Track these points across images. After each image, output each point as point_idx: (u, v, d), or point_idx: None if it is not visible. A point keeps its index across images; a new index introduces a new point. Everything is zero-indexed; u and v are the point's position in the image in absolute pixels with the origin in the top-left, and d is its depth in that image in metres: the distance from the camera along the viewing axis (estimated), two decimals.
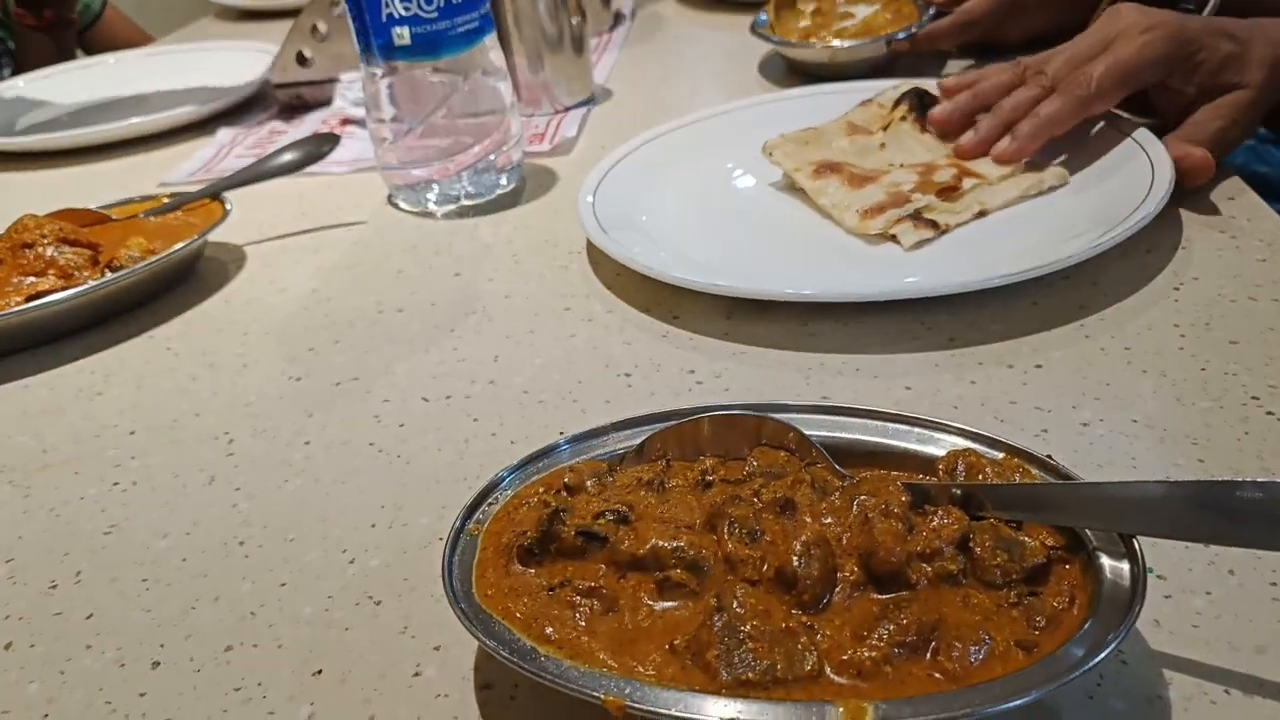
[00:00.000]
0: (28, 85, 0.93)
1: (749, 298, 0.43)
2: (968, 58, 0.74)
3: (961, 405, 0.37)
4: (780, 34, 0.74)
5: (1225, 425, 0.34)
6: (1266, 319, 0.39)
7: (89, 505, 0.37)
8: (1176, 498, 0.24)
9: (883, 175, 0.52)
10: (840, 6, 0.75)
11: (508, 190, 0.62)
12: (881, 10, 0.73)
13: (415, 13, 0.55)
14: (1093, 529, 0.26)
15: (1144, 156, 0.48)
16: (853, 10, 0.75)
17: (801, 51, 0.72)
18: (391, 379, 0.44)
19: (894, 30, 0.70)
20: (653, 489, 0.30)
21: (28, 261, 0.49)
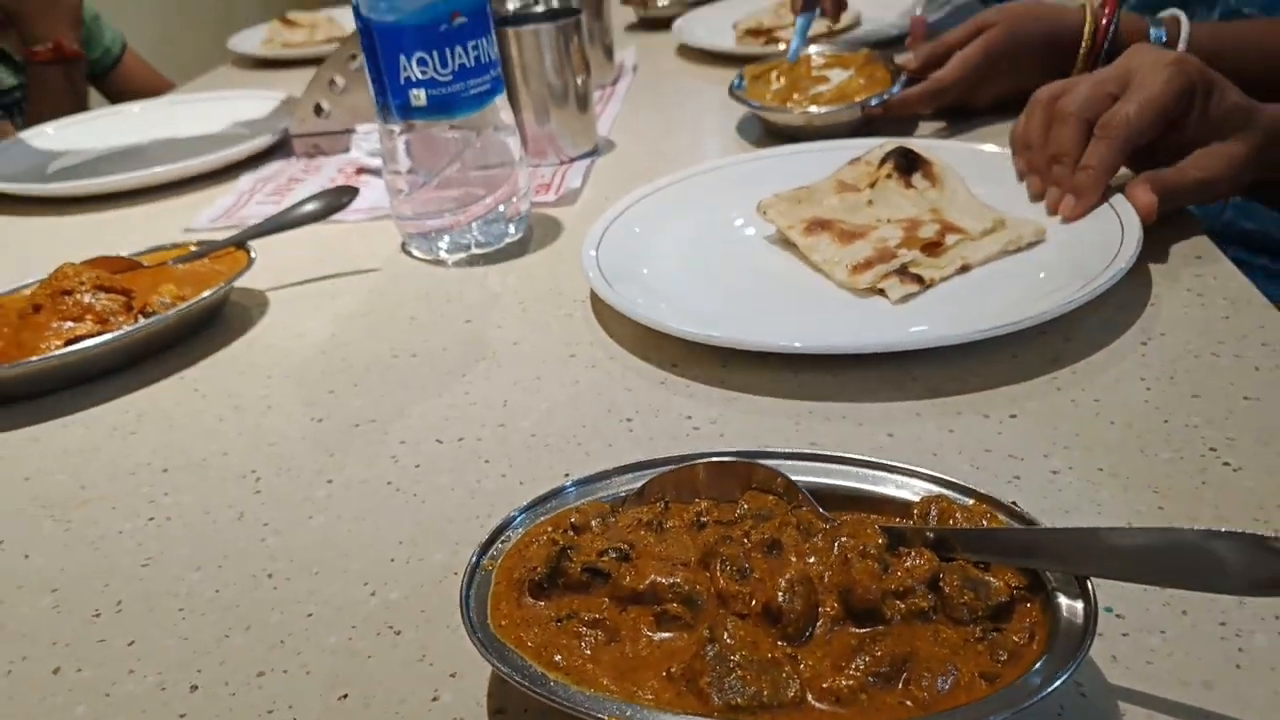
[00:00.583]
0: (57, 132, 0.97)
1: (743, 349, 0.46)
2: (940, 119, 0.77)
3: (940, 452, 0.40)
4: (754, 97, 0.78)
5: (1185, 475, 0.37)
6: (1228, 374, 0.42)
7: (126, 539, 0.40)
8: (1127, 544, 0.27)
9: (871, 231, 0.55)
10: (814, 71, 0.79)
11: (516, 239, 0.65)
12: (855, 76, 0.77)
13: (431, 76, 0.59)
14: (1052, 571, 0.28)
15: (1115, 216, 0.52)
16: (827, 75, 0.78)
17: (779, 115, 0.75)
18: (407, 421, 0.46)
19: (868, 96, 0.74)
20: (652, 529, 0.33)
21: (67, 308, 0.52)
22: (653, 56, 1.09)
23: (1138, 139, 0.53)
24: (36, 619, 0.36)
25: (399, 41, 0.58)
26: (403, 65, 0.59)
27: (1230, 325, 0.45)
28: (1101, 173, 0.53)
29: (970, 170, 0.61)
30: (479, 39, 0.60)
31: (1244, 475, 0.36)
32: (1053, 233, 0.54)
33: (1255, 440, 0.38)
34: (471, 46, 0.59)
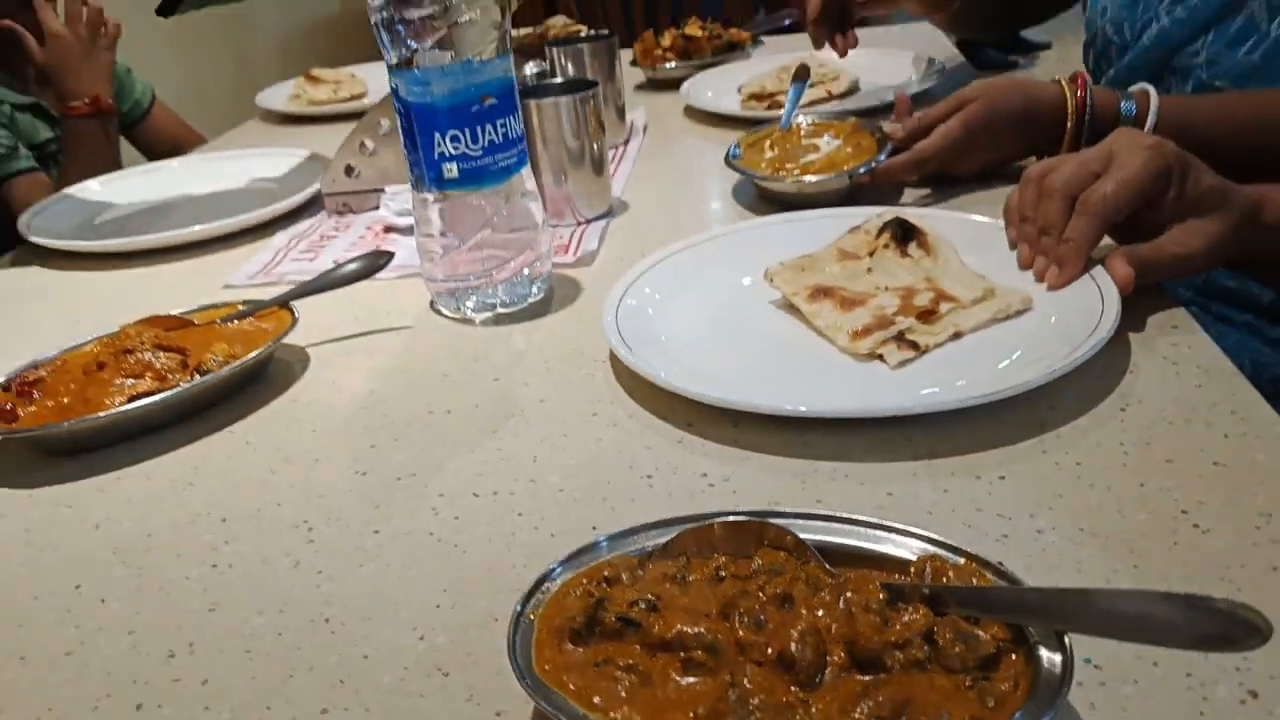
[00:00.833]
0: (101, 188, 1.02)
1: (751, 411, 0.50)
2: (925, 186, 0.82)
3: (935, 511, 0.43)
4: (749, 164, 0.83)
5: (1158, 536, 0.40)
6: (1199, 440, 0.46)
7: (193, 584, 0.44)
8: (1097, 604, 0.31)
9: (870, 299, 0.59)
10: (804, 139, 0.84)
11: (538, 299, 0.69)
12: (843, 145, 0.82)
13: (463, 152, 0.64)
14: (1034, 626, 0.32)
15: (1096, 288, 0.56)
16: (816, 143, 0.84)
17: (774, 184, 0.80)
18: (444, 475, 0.50)
19: (855, 165, 0.79)
20: (676, 582, 0.36)
21: (129, 366, 0.56)
22: (661, 116, 1.15)
23: (1116, 216, 0.57)
24: (118, 659, 0.40)
25: (435, 121, 0.63)
26: (437, 141, 0.63)
27: (1202, 393, 0.49)
28: (1082, 245, 0.58)
29: (961, 239, 0.65)
30: (507, 117, 0.65)
31: (1212, 537, 0.40)
32: (1039, 301, 0.58)
33: (1223, 504, 0.42)
34: (500, 124, 0.64)
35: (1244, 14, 0.81)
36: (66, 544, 0.48)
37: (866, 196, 0.79)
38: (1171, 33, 0.86)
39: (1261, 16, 0.80)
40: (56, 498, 0.52)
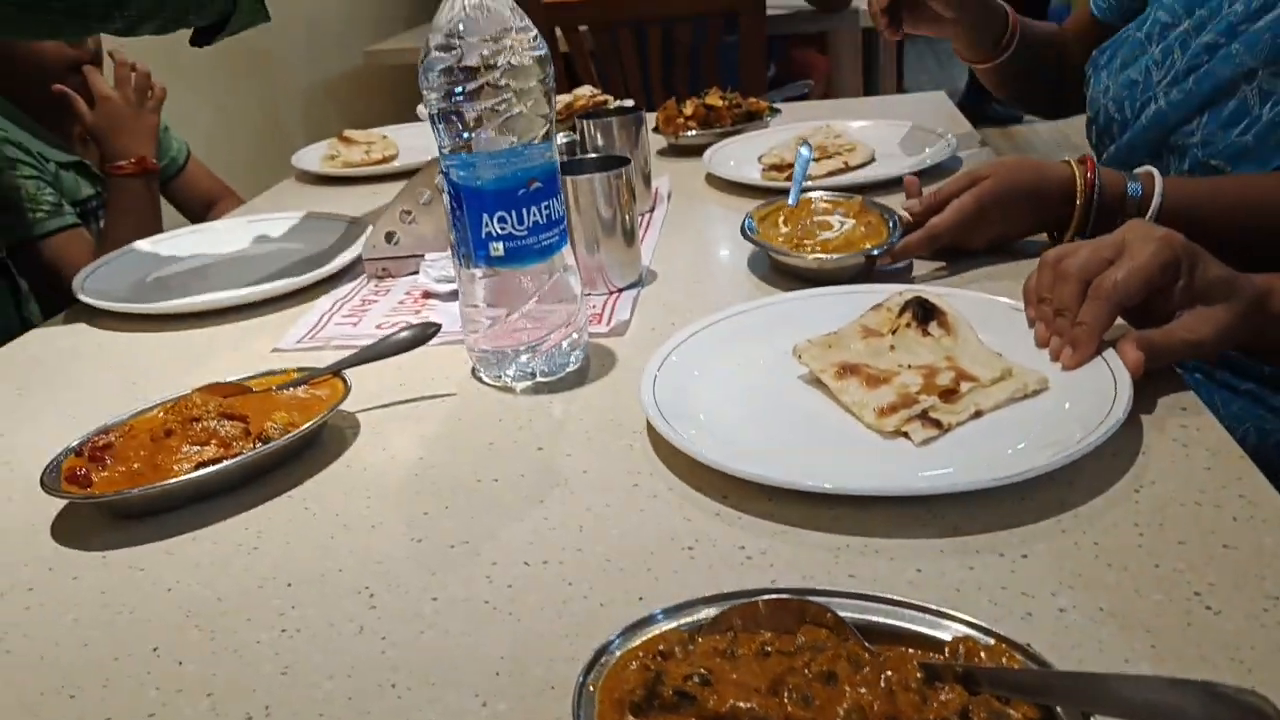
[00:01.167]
0: (152, 248, 1.07)
1: (786, 487, 0.53)
2: (938, 259, 0.86)
3: (962, 589, 0.46)
4: (766, 239, 0.87)
5: (1173, 617, 0.43)
6: (1209, 522, 0.49)
7: (264, 648, 0.47)
8: (1117, 689, 0.34)
9: (894, 376, 0.63)
10: (815, 216, 0.89)
11: (575, 369, 0.73)
12: (856, 224, 0.86)
13: (509, 232, 0.68)
14: (1061, 707, 0.35)
15: (1109, 371, 0.59)
16: (829, 220, 0.88)
17: (794, 260, 0.84)
18: (496, 543, 0.53)
19: (871, 245, 0.83)
20: (725, 656, 0.39)
21: (195, 433, 0.60)
22: (684, 183, 1.19)
23: (1127, 301, 0.61)
24: None
25: (483, 203, 0.67)
26: (484, 222, 0.67)
27: (1211, 475, 0.52)
28: (1095, 328, 0.61)
29: (977, 318, 0.69)
30: (550, 199, 0.69)
31: (1223, 619, 0.43)
32: (1054, 382, 0.62)
33: (1232, 586, 0.44)
34: (544, 206, 0.68)
35: (1237, 97, 0.86)
36: (141, 607, 0.51)
37: (880, 273, 0.83)
38: (1168, 113, 0.90)
39: (1254, 100, 0.85)
40: (128, 560, 0.55)
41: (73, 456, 0.61)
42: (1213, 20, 0.88)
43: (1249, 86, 0.85)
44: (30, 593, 0.53)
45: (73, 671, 0.47)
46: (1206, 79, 0.87)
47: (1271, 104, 0.84)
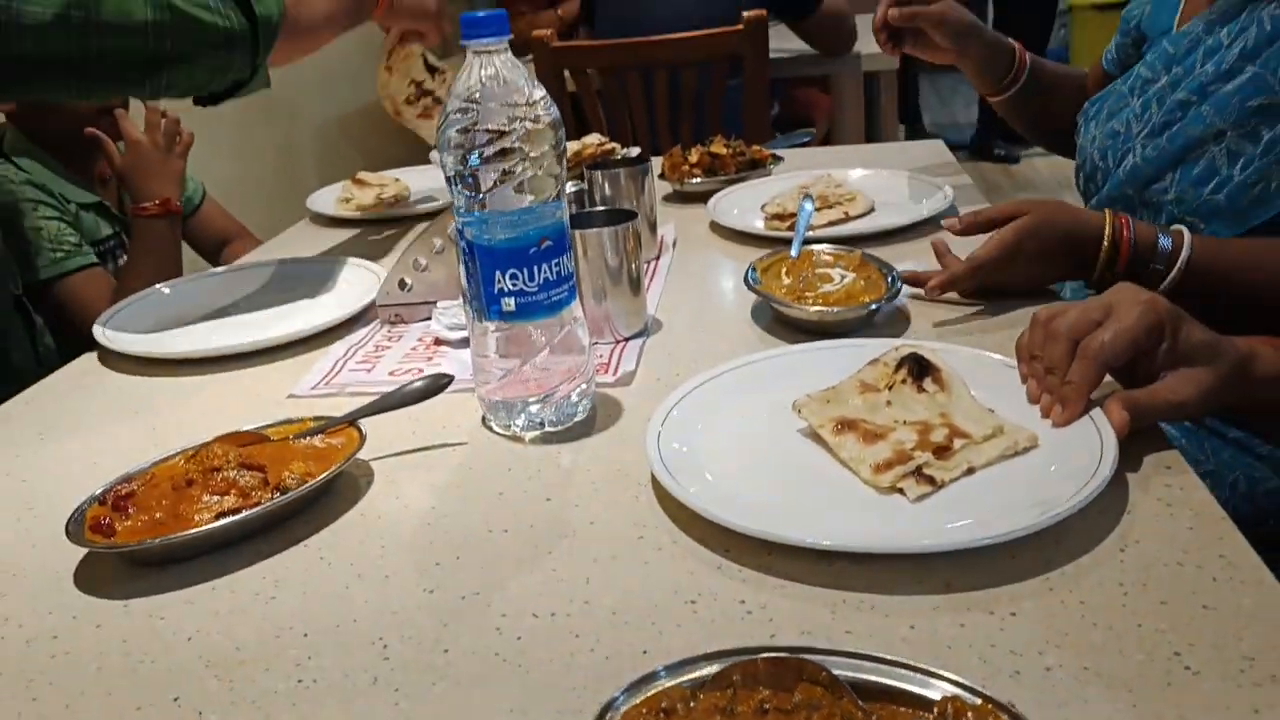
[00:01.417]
0: (170, 292, 1.10)
1: (786, 543, 0.55)
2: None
3: (954, 646, 0.48)
4: (770, 289, 0.90)
5: (1154, 677, 0.45)
6: (1190, 583, 0.51)
7: (282, 699, 0.49)
8: None
9: (890, 432, 0.65)
10: (816, 269, 0.91)
11: (583, 419, 0.75)
12: (857, 278, 0.89)
13: (520, 288, 0.70)
14: None
15: (1096, 431, 0.61)
16: (830, 273, 0.91)
17: (798, 312, 0.87)
18: (505, 594, 0.55)
19: (871, 299, 0.85)
20: (725, 714, 0.41)
21: (215, 483, 0.62)
22: (690, 230, 1.22)
23: (1113, 361, 0.63)
24: None
25: (496, 260, 0.70)
26: (497, 278, 0.70)
27: (1193, 536, 0.54)
28: (1082, 387, 0.64)
29: (970, 374, 0.71)
30: (560, 257, 0.72)
31: (1201, 679, 0.45)
32: (1043, 439, 0.64)
33: (1211, 647, 0.46)
34: (554, 264, 0.71)
35: (1206, 156, 0.90)
36: (161, 656, 0.53)
37: (876, 327, 0.86)
38: (1143, 167, 0.94)
39: (1222, 161, 0.89)
40: (149, 609, 0.57)
41: (96, 505, 0.63)
42: (1187, 78, 0.92)
43: (1217, 147, 0.88)
44: (55, 640, 0.55)
45: (99, 717, 0.49)
46: (1179, 136, 0.91)
47: (1242, 165, 0.87)
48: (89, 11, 0.80)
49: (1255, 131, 0.87)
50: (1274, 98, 0.86)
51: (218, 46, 0.87)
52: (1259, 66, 0.87)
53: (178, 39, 0.84)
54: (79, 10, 0.80)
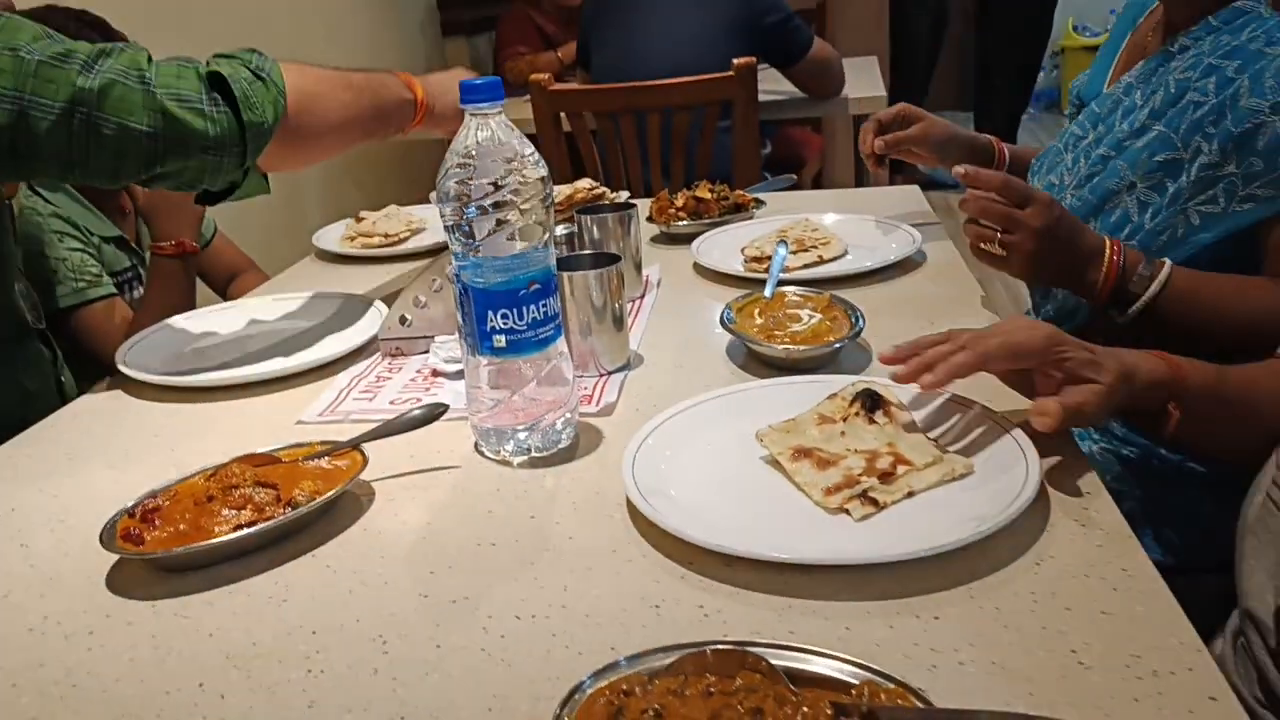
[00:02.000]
0: (185, 324, 1.17)
1: (741, 556, 0.62)
2: None
3: (882, 644, 0.55)
4: (742, 329, 0.97)
5: (1051, 670, 0.52)
6: (1094, 593, 0.58)
7: (294, 686, 0.55)
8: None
9: (841, 460, 0.72)
10: (787, 310, 0.99)
11: (566, 445, 0.82)
12: (823, 318, 0.97)
13: (510, 326, 0.78)
14: None
15: (1023, 458, 0.69)
16: (799, 314, 0.98)
17: (767, 349, 0.94)
18: (491, 599, 0.62)
19: (834, 339, 0.93)
20: (676, 695, 0.48)
21: (233, 499, 0.69)
22: (674, 270, 1.30)
23: (988, 361, 0.72)
24: None
25: (489, 301, 0.77)
26: (489, 317, 0.78)
27: (1101, 552, 0.61)
28: (954, 367, 0.72)
29: (920, 408, 0.78)
30: (547, 299, 0.79)
31: (1092, 672, 0.51)
32: (979, 467, 0.71)
33: (1104, 646, 0.53)
34: (541, 304, 0.79)
35: (1121, 206, 1.00)
36: (187, 649, 0.60)
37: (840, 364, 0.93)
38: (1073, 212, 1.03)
39: (1134, 209, 0.99)
40: (174, 609, 0.64)
41: (126, 517, 0.70)
42: (1108, 135, 1.03)
43: (1130, 197, 0.98)
44: (91, 635, 0.62)
45: (131, 703, 0.55)
46: (1099, 188, 1.01)
47: (1151, 214, 0.97)
48: (91, 116, 0.87)
49: (1161, 184, 0.97)
50: (1176, 154, 0.96)
51: (207, 150, 0.92)
52: (1164, 125, 0.98)
53: (171, 143, 0.90)
54: (82, 114, 0.86)
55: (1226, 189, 0.93)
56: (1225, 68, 0.95)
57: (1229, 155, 0.92)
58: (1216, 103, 0.94)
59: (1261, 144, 0.91)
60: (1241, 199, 0.92)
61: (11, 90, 0.84)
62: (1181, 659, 0.51)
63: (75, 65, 0.87)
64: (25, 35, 0.87)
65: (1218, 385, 0.72)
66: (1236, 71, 0.94)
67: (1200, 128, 0.94)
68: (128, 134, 0.88)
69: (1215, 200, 0.93)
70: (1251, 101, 0.91)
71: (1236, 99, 0.92)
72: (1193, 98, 0.96)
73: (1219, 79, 0.94)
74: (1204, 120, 0.94)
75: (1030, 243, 0.92)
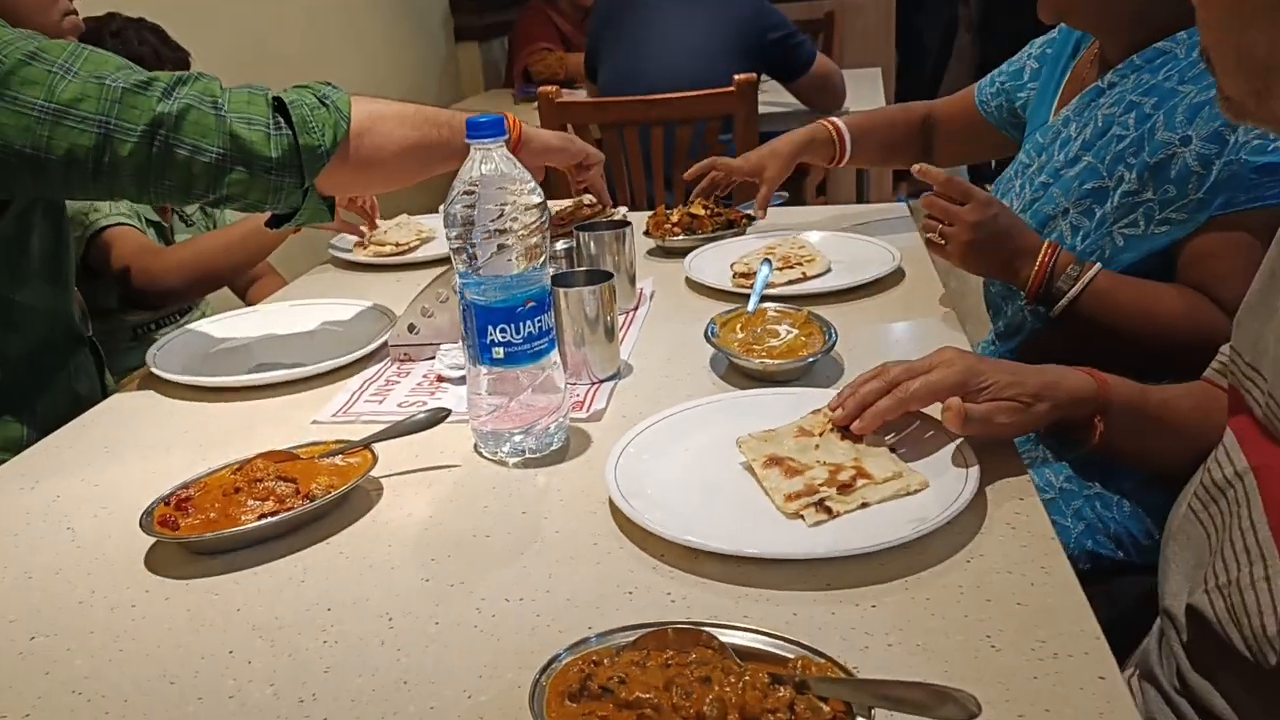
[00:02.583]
0: (209, 326, 1.26)
1: (705, 549, 0.70)
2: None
3: (823, 628, 0.63)
4: (724, 342, 1.05)
5: (966, 652, 0.60)
6: (1013, 586, 0.66)
7: (311, 654, 0.64)
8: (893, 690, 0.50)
9: (808, 470, 0.80)
10: (767, 325, 1.07)
11: (558, 448, 0.91)
12: (799, 334, 1.05)
13: (509, 340, 0.86)
14: (855, 702, 0.51)
15: (965, 468, 0.77)
16: (778, 329, 1.06)
17: (747, 362, 1.02)
18: (486, 583, 0.70)
19: (808, 354, 1.01)
20: (639, 666, 0.56)
21: (257, 491, 0.78)
22: (667, 283, 1.38)
23: (913, 404, 0.80)
24: (265, 701, 0.60)
25: (489, 316, 0.86)
26: (489, 331, 0.86)
27: (1025, 551, 0.69)
28: (878, 412, 0.81)
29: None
30: (542, 315, 0.87)
31: (1001, 654, 0.59)
32: (934, 482, 0.78)
33: (1016, 633, 0.61)
34: (537, 320, 0.87)
35: (1057, 230, 1.11)
36: (218, 621, 0.68)
37: (816, 374, 1.01)
38: None
39: (1068, 232, 1.10)
40: (205, 587, 0.72)
41: (162, 505, 0.78)
42: (1048, 164, 1.16)
43: (1065, 221, 1.10)
44: (133, 609, 0.71)
45: (171, 664, 0.64)
46: (1039, 213, 1.13)
47: (1082, 237, 1.08)
48: (169, 139, 0.94)
49: (1090, 209, 1.08)
50: (1102, 182, 1.07)
51: (269, 170, 0.98)
52: (1092, 156, 1.09)
53: (237, 163, 0.97)
54: (161, 136, 0.94)
55: (1146, 213, 1.04)
56: (1144, 104, 1.06)
57: (1146, 183, 1.03)
58: (1136, 135, 1.05)
59: (1174, 173, 1.01)
60: (1158, 222, 1.03)
61: (97, 115, 0.93)
62: (1080, 644, 0.59)
63: (156, 93, 0.95)
64: (110, 66, 0.95)
65: (1140, 402, 0.80)
66: (1154, 107, 1.05)
67: (1123, 158, 1.06)
68: (199, 155, 0.96)
69: (1136, 224, 1.05)
70: (1165, 134, 1.02)
71: (1153, 132, 1.03)
72: (1116, 131, 1.07)
73: (1138, 114, 1.06)
74: (1125, 151, 1.05)
75: (965, 234, 1.05)
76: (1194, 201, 1.00)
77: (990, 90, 1.41)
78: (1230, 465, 0.68)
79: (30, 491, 0.90)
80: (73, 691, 0.63)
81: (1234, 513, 0.66)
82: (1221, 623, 0.63)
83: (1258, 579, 0.61)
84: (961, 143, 1.51)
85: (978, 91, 1.43)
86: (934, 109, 1.53)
